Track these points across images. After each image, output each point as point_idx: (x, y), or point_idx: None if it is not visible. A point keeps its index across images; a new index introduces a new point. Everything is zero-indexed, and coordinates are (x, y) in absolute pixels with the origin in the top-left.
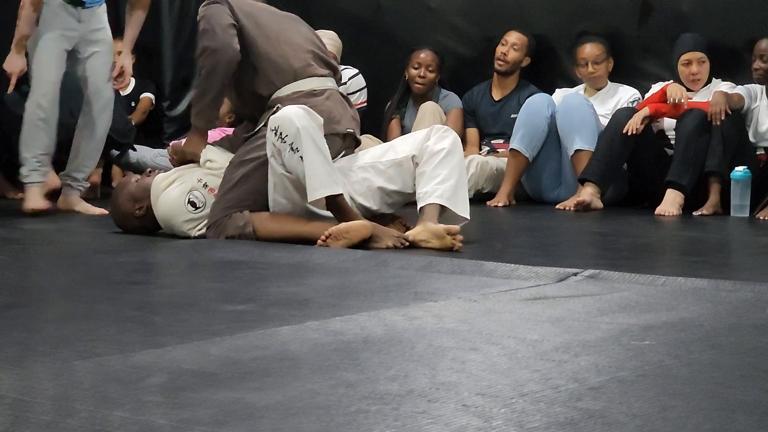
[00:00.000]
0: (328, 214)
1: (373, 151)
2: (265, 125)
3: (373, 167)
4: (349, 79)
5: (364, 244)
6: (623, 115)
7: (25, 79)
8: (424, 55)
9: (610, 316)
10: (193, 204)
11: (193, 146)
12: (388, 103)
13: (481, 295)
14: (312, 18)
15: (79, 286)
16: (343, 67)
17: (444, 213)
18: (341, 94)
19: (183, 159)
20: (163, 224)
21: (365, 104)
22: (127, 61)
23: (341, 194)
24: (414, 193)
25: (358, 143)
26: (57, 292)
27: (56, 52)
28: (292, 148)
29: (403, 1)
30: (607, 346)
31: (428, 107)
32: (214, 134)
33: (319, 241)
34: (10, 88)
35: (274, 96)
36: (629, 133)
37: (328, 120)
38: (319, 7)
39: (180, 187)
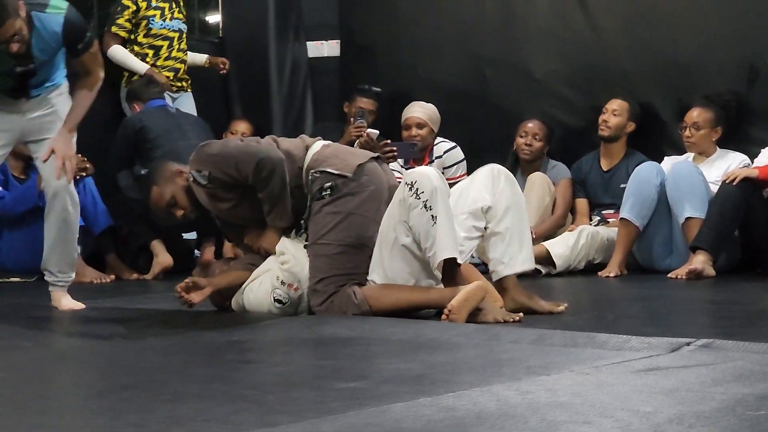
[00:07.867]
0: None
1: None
2: (321, 190)
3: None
4: (445, 152)
5: (472, 316)
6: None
7: (139, 161)
8: (532, 125)
9: (725, 386)
10: (279, 301)
11: (269, 242)
12: None
13: (594, 368)
14: (415, 91)
15: (193, 366)
16: (439, 139)
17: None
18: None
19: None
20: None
21: (465, 176)
22: (60, 143)
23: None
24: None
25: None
26: (171, 372)
27: None
28: (425, 206)
29: (509, 72)
30: (722, 417)
31: (536, 178)
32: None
33: (443, 317)
34: None
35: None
36: (726, 181)
37: (351, 154)
38: (422, 80)
39: (261, 288)
